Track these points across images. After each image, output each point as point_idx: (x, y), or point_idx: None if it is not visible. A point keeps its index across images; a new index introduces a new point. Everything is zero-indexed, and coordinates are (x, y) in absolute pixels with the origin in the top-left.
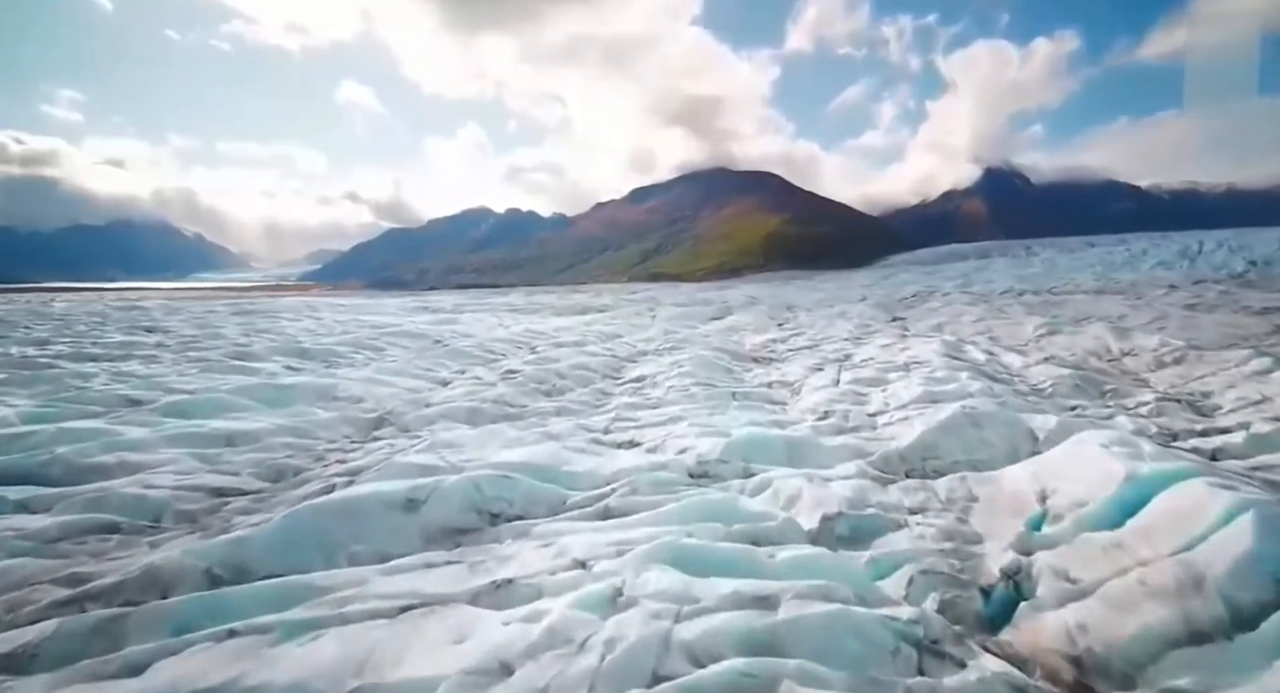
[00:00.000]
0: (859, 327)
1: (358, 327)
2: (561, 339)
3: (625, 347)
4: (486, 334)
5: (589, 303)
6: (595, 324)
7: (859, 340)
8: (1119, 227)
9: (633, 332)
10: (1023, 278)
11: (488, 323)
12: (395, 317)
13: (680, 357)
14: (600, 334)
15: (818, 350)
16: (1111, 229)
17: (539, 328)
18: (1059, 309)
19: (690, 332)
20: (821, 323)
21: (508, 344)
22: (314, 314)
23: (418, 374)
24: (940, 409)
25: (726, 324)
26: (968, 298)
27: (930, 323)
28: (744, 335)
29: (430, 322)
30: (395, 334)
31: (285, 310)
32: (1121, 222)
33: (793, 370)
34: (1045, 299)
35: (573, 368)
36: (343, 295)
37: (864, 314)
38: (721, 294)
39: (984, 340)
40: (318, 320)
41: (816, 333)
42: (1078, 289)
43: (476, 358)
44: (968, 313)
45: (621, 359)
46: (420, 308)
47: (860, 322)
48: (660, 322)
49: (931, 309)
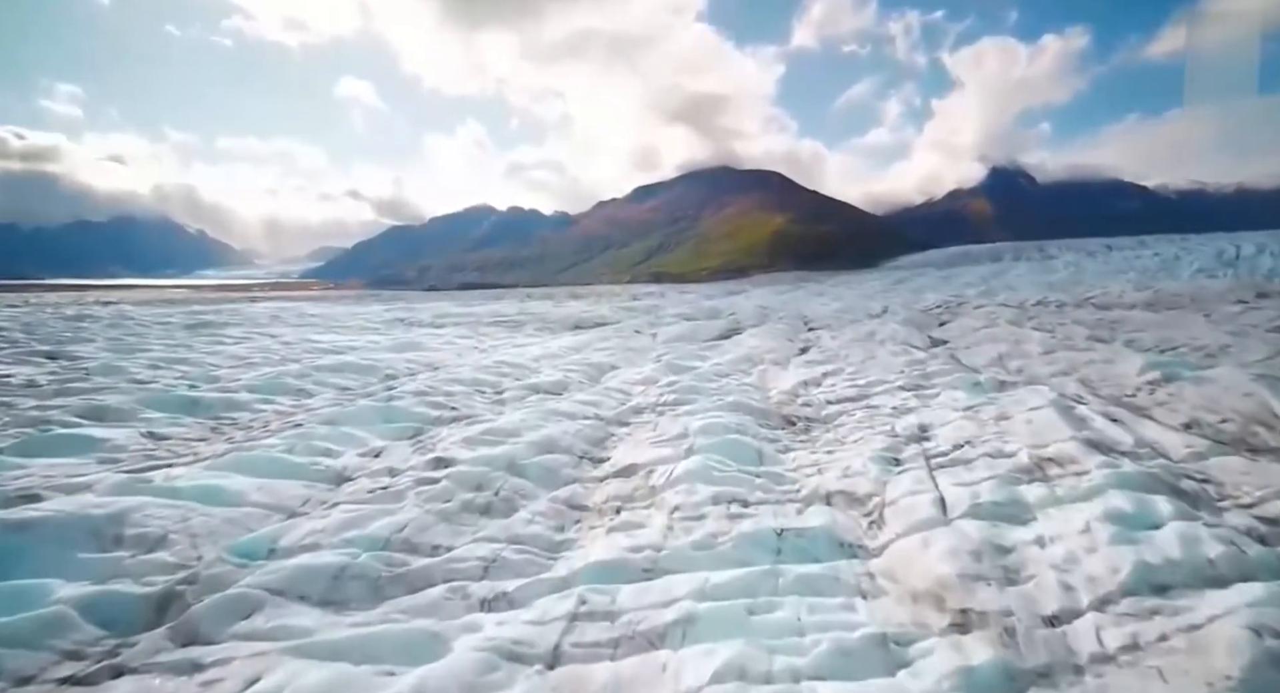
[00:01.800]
0: (907, 361)
1: (305, 351)
2: (539, 379)
3: (615, 397)
4: (449, 368)
5: (584, 313)
6: (585, 348)
7: (922, 390)
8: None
9: (628, 362)
10: (1051, 285)
11: (459, 347)
12: (360, 333)
13: (689, 422)
14: (588, 369)
15: (872, 409)
16: (1119, 229)
17: (516, 357)
18: (1125, 331)
19: (698, 365)
20: (855, 350)
21: (467, 389)
22: (271, 330)
23: (309, 459)
24: (1209, 636)
25: (741, 353)
26: (1007, 313)
27: (987, 353)
28: (765, 371)
29: (395, 344)
30: (336, 368)
31: (246, 322)
32: (1129, 222)
33: (853, 459)
34: (1096, 316)
35: (535, 450)
36: (332, 299)
37: (897, 335)
38: (729, 302)
39: (1077, 387)
40: (271, 337)
41: (857, 370)
42: (1120, 300)
43: (412, 420)
44: (1023, 337)
45: (607, 422)
46: (395, 320)
47: (899, 348)
48: (661, 343)
49: (973, 329)
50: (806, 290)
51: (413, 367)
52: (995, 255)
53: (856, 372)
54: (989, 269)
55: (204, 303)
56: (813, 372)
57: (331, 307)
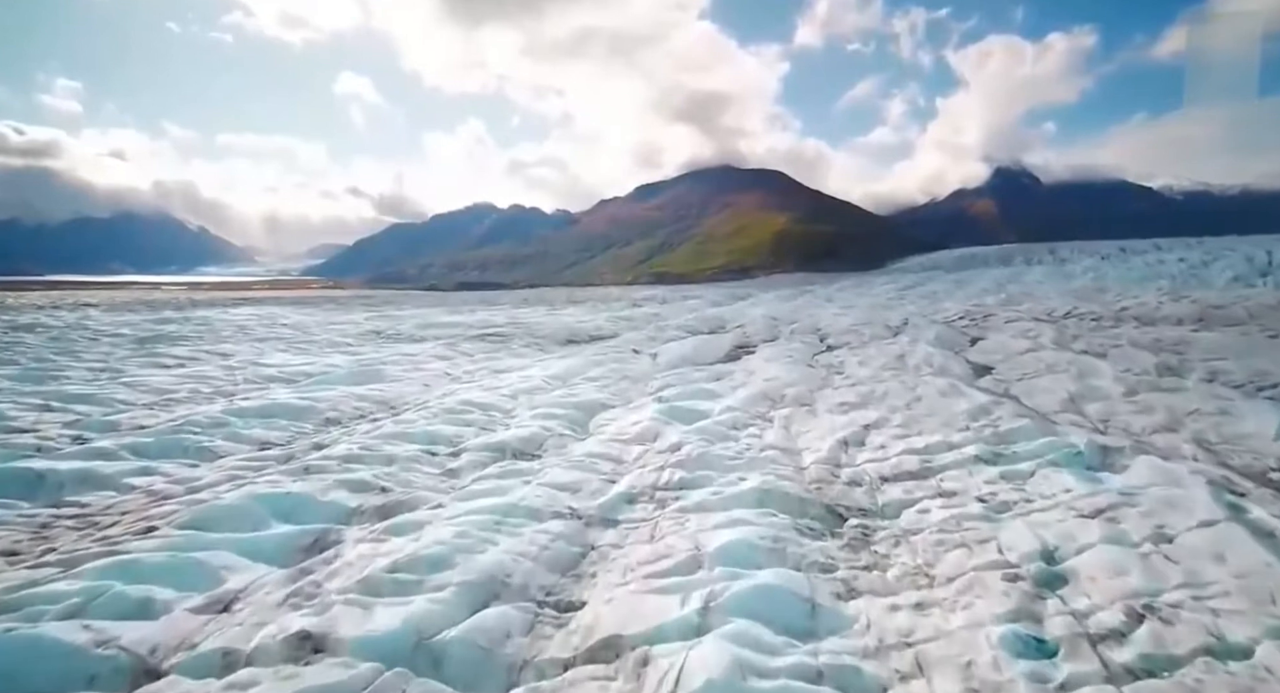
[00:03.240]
0: (966, 409)
1: (245, 380)
2: (509, 433)
3: (601, 468)
4: (405, 410)
5: (579, 324)
6: (574, 378)
7: (1006, 462)
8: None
9: (623, 399)
10: (1075, 293)
11: (428, 375)
12: (323, 352)
13: (701, 533)
14: (572, 412)
15: (952, 501)
16: (1125, 231)
17: (490, 394)
18: (1197, 357)
19: (707, 408)
20: (892, 384)
21: (415, 450)
22: (225, 347)
23: (97, 632)
24: None
25: (757, 387)
26: (1045, 330)
27: (1052, 391)
28: (790, 417)
29: (354, 371)
30: (265, 412)
31: (206, 334)
32: (1134, 223)
33: (962, 627)
34: (1148, 334)
35: (470, 600)
36: (318, 303)
37: (933, 360)
38: (734, 310)
39: (1196, 451)
40: (220, 358)
41: (906, 421)
42: (1161, 313)
43: (317, 518)
44: (1085, 368)
45: (586, 522)
46: (371, 333)
47: (945, 384)
48: (662, 368)
49: (1016, 352)
50: (814, 295)
51: (362, 408)
52: (1005, 258)
53: (907, 424)
54: (1002, 273)
55: (180, 307)
56: (850, 421)
57: (312, 313)
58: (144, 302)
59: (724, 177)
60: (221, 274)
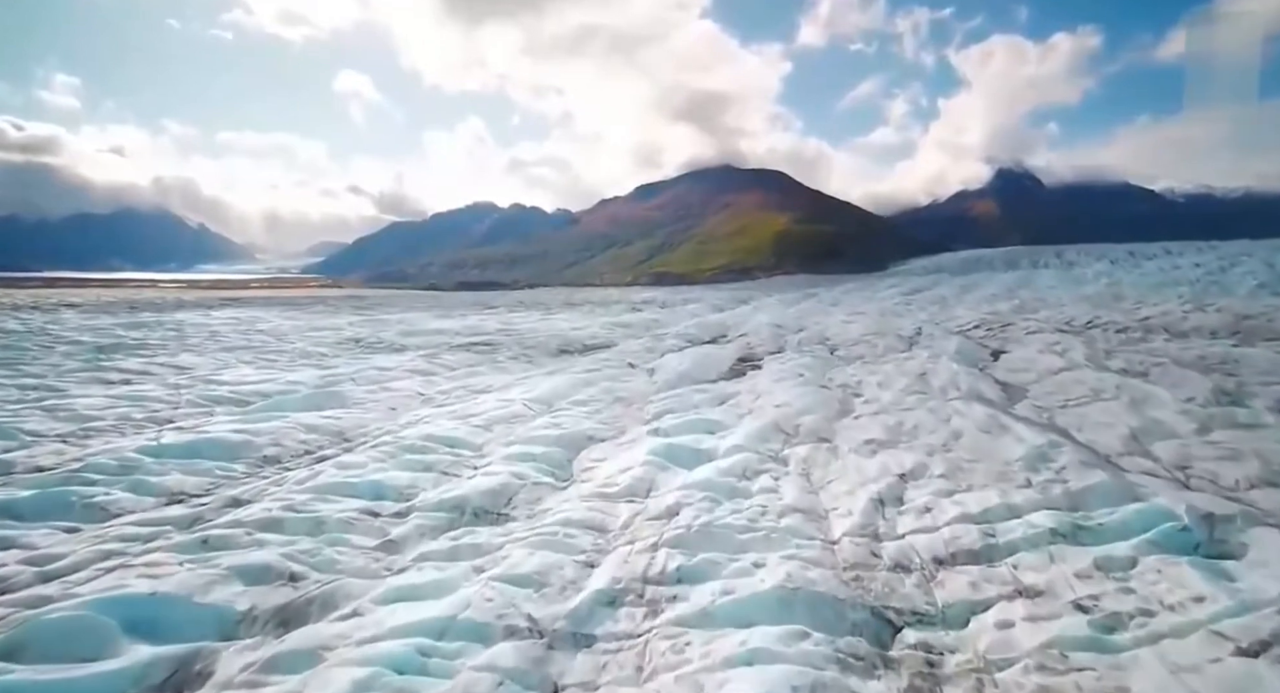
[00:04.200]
0: (1021, 454)
1: (187, 403)
2: (473, 483)
3: (577, 539)
4: (357, 448)
5: (573, 331)
6: (560, 401)
7: (1090, 540)
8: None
9: (614, 431)
10: (1092, 300)
11: (397, 396)
12: (289, 367)
13: (705, 679)
14: (552, 451)
15: (1039, 608)
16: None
17: (460, 426)
18: (1254, 380)
19: (710, 447)
20: (921, 414)
21: (354, 511)
22: (183, 359)
23: None
24: None
25: (767, 417)
26: (1072, 344)
27: (1107, 425)
28: (809, 461)
29: (314, 393)
30: (190, 450)
31: (170, 341)
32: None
33: None
34: (1189, 350)
35: None
36: (304, 305)
37: (959, 380)
38: (736, 315)
39: None
40: (174, 371)
41: (949, 470)
42: (1188, 323)
43: (181, 636)
44: (1138, 395)
45: (550, 642)
46: (351, 341)
47: (984, 415)
48: (660, 387)
49: (1050, 371)
50: (819, 300)
51: (310, 442)
52: (1011, 261)
53: (951, 473)
54: (1011, 277)
55: (162, 309)
56: (882, 467)
57: (296, 316)
58: (129, 302)
59: (725, 176)
60: (221, 271)
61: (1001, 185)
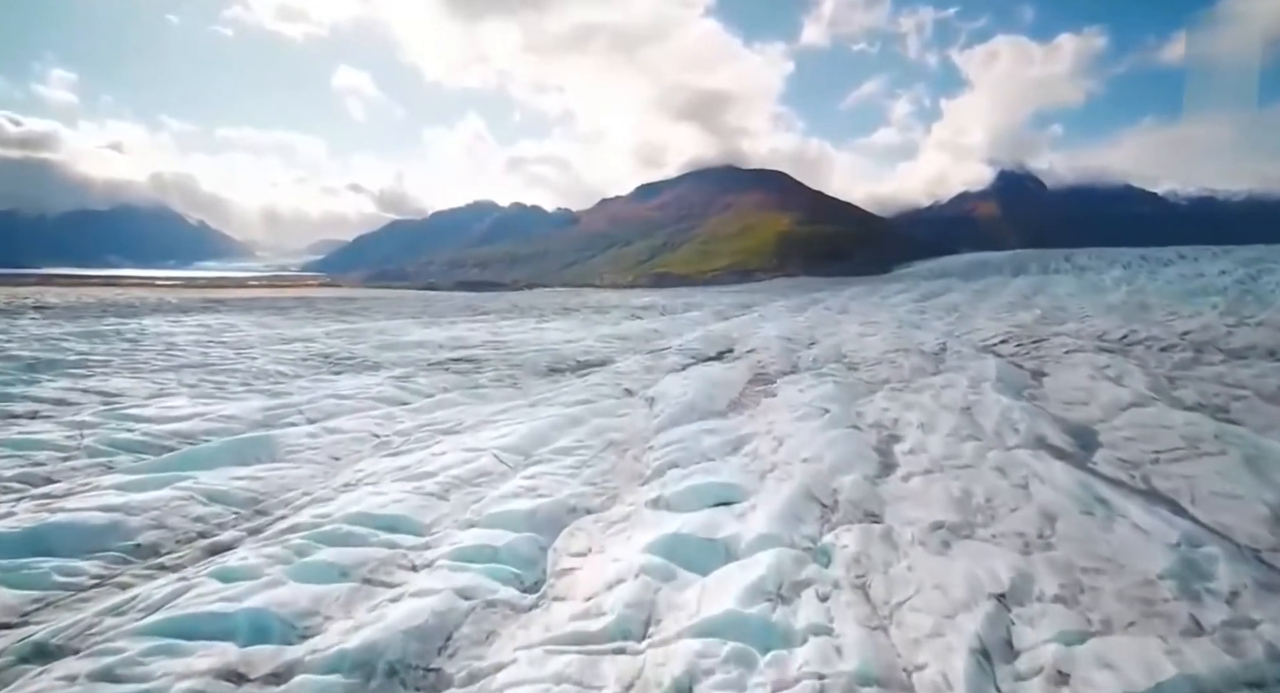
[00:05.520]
0: (1166, 561)
1: (88, 452)
2: (389, 622)
3: None
4: (250, 541)
5: (567, 344)
6: (537, 452)
7: None
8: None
9: (602, 501)
10: (1118, 310)
11: (340, 443)
12: (233, 395)
13: None
14: (516, 538)
15: None
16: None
17: (400, 496)
18: None
19: (727, 533)
20: (983, 471)
21: (196, 683)
22: (115, 382)
23: None
24: None
25: (795, 476)
26: (1125, 367)
27: (1239, 505)
28: (858, 553)
29: (233, 445)
30: (27, 541)
31: (118, 356)
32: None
33: None
34: (1262, 376)
35: None
36: (286, 310)
37: (1013, 417)
38: (743, 325)
39: None
40: (96, 402)
41: (1066, 579)
42: (1235, 339)
43: None
44: (1253, 453)
45: None
46: (319, 358)
47: (1071, 480)
48: (661, 431)
49: (1117, 406)
50: (826, 306)
51: (206, 520)
52: (1020, 266)
53: (1070, 598)
54: (1024, 283)
55: (133, 313)
56: (971, 582)
57: (272, 324)
58: (106, 304)
59: (726, 176)
60: (221, 269)
61: (1003, 187)
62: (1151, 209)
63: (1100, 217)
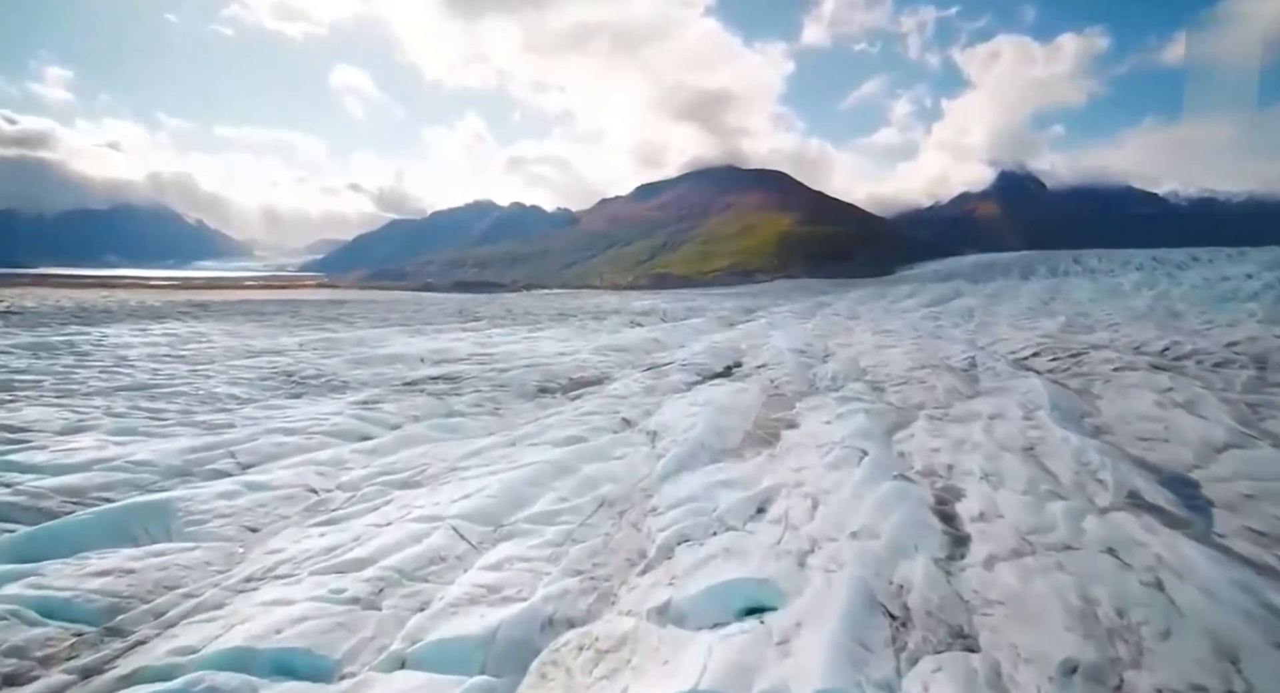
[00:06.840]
0: None
1: None
2: None
3: None
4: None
5: (559, 357)
6: (508, 521)
7: None
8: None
9: (589, 588)
10: (1147, 317)
11: (263, 507)
12: (160, 431)
13: None
14: None
15: None
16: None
17: (316, 610)
18: None
19: (770, 679)
20: (1094, 557)
21: None
22: (32, 413)
23: None
24: None
25: (850, 568)
26: (1201, 395)
27: None
28: None
29: (126, 511)
30: None
31: (54, 374)
32: (1140, 229)
33: None
34: None
35: None
36: (268, 316)
37: (1092, 464)
38: (749, 333)
39: None
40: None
41: None
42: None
43: None
44: None
45: None
46: (281, 376)
47: (1200, 562)
48: (664, 481)
49: (1211, 447)
50: (833, 311)
51: (22, 654)
52: (1028, 268)
53: None
54: (1037, 287)
55: (99, 319)
56: None
57: (246, 332)
58: (80, 308)
59: (727, 176)
60: (220, 268)
61: (1004, 187)
62: (1152, 210)
63: (1101, 217)
